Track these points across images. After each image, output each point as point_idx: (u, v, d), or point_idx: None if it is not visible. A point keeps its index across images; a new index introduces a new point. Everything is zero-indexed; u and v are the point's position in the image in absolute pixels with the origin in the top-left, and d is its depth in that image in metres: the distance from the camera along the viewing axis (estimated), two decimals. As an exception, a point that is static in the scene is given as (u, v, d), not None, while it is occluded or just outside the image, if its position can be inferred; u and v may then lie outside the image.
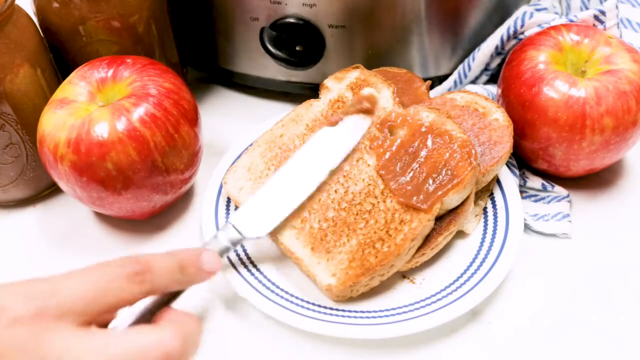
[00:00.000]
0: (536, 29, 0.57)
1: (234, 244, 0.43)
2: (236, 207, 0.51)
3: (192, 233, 0.52)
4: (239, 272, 0.46)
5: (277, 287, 0.46)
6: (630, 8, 0.64)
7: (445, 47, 0.59)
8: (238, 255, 0.48)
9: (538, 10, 0.59)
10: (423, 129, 0.49)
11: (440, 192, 0.46)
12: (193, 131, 0.49)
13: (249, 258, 0.48)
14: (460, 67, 0.60)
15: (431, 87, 0.57)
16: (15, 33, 0.48)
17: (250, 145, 0.53)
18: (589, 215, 0.52)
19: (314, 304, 0.45)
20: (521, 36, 0.57)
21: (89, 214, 0.54)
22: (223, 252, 0.43)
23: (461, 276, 0.46)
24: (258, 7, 0.56)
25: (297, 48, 0.57)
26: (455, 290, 0.45)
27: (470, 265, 0.47)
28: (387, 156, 0.48)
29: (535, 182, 0.54)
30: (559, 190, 0.53)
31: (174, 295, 0.37)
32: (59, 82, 0.52)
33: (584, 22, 0.56)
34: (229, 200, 0.51)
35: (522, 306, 0.47)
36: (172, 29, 0.57)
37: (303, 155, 0.48)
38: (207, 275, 0.39)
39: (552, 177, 0.54)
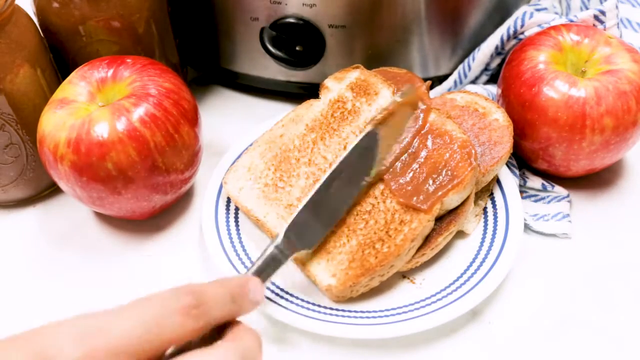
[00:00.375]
0: (536, 29, 0.57)
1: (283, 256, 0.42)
2: (236, 207, 0.51)
3: (192, 233, 0.52)
4: (238, 272, 0.46)
5: (278, 287, 0.46)
6: (630, 8, 0.64)
7: (445, 47, 0.59)
8: (238, 255, 0.48)
9: (538, 10, 0.59)
10: (423, 129, 0.49)
11: (440, 193, 0.46)
12: (193, 131, 0.49)
13: (249, 258, 0.48)
14: (460, 67, 0.60)
15: (431, 87, 0.57)
16: (15, 33, 0.48)
17: (250, 145, 0.53)
18: (589, 215, 0.52)
19: (314, 304, 0.45)
20: (521, 36, 0.57)
21: (89, 214, 0.54)
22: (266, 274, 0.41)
23: (461, 276, 0.46)
24: (258, 7, 0.55)
25: (297, 48, 0.57)
26: (455, 290, 0.45)
27: (470, 265, 0.47)
28: (387, 156, 0.48)
29: (535, 182, 0.54)
30: (559, 190, 0.53)
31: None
32: (59, 82, 0.52)
33: (584, 22, 0.56)
34: (229, 200, 0.51)
35: (522, 306, 0.47)
36: (172, 29, 0.57)
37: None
38: (254, 306, 0.36)
39: (552, 177, 0.54)
